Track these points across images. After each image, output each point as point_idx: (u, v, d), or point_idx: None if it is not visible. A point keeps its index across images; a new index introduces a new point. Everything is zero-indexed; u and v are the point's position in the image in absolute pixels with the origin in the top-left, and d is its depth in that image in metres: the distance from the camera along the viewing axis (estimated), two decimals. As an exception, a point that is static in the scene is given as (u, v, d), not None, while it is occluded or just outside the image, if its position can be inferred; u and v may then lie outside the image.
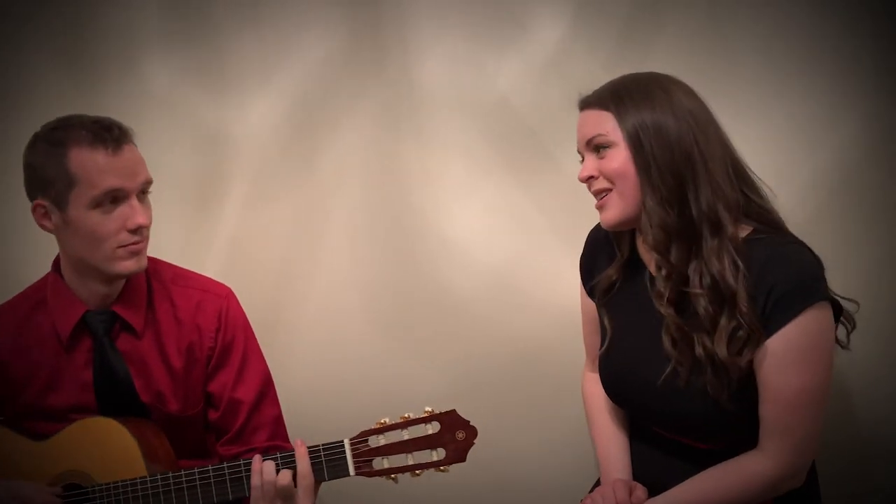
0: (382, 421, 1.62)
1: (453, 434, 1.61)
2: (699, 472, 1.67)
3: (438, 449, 1.61)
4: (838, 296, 1.65)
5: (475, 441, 1.62)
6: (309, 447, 1.62)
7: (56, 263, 1.81)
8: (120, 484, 1.67)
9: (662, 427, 1.73)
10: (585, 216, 1.81)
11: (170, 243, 2.17)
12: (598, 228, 1.86)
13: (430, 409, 1.63)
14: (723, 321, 1.60)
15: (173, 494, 1.65)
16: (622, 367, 1.75)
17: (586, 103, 1.68)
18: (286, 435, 1.89)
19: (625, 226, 1.69)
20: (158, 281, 1.85)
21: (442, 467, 1.61)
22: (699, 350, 1.61)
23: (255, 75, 2.22)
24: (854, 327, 1.70)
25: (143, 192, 1.74)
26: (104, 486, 1.68)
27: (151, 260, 1.86)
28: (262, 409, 1.85)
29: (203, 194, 2.25)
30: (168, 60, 2.23)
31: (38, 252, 1.95)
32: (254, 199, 2.24)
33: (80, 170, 1.67)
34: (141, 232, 1.72)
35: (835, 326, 1.64)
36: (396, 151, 2.23)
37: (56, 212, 1.70)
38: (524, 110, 2.19)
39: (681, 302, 1.65)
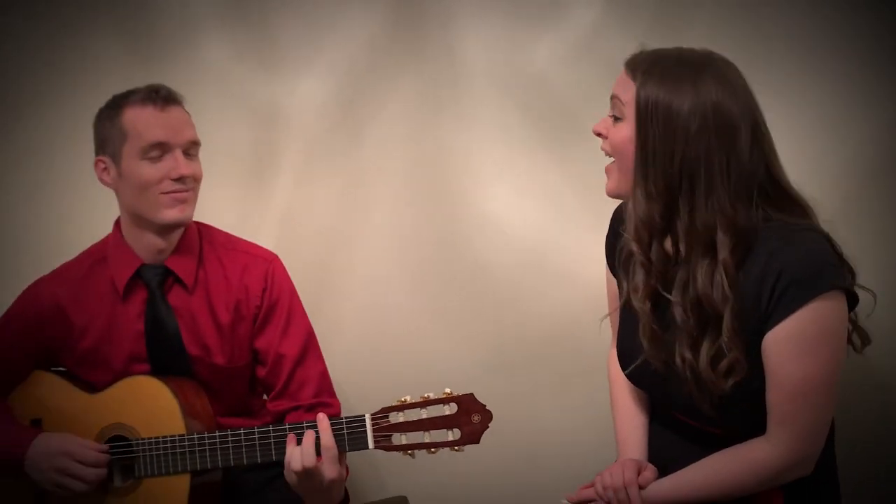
0: (403, 399, 1.70)
1: (469, 416, 1.68)
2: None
3: (454, 429, 1.68)
4: (858, 286, 1.61)
5: (489, 424, 1.68)
6: (332, 420, 1.71)
7: (117, 223, 1.95)
8: (160, 439, 1.79)
9: (674, 409, 1.74)
10: (619, 195, 1.82)
11: (226, 214, 2.27)
12: (622, 206, 1.83)
13: (448, 391, 1.70)
14: (706, 340, 1.58)
15: (207, 453, 1.76)
16: (632, 343, 1.75)
17: (627, 62, 1.61)
18: (332, 391, 1.99)
19: (622, 198, 1.67)
20: (210, 244, 1.97)
21: (456, 447, 1.68)
22: (679, 360, 1.60)
23: (303, 53, 2.29)
24: (869, 343, 1.67)
25: (188, 152, 1.88)
26: (146, 441, 1.80)
27: (204, 226, 2.00)
28: (306, 365, 1.95)
29: (257, 167, 2.33)
30: (223, 38, 2.30)
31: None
32: (303, 171, 2.32)
33: (131, 125, 1.85)
34: (184, 181, 1.85)
35: (848, 316, 1.60)
36: (437, 126, 2.29)
37: (112, 166, 1.88)
38: (560, 88, 2.23)
39: (662, 301, 1.62)
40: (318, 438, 1.70)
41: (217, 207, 2.25)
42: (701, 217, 1.54)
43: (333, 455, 1.70)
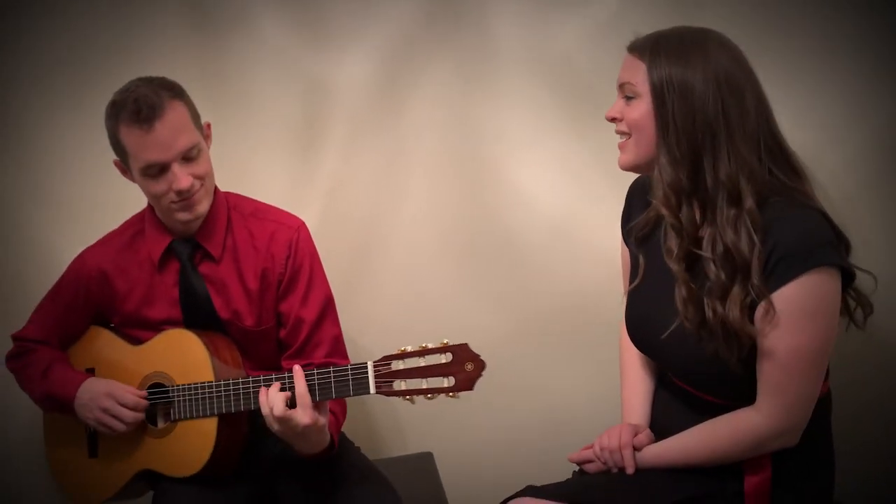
0: (403, 348, 1.80)
1: (463, 365, 1.76)
2: None
3: (449, 377, 1.77)
4: (856, 267, 1.65)
5: (482, 373, 1.77)
6: (339, 367, 1.84)
7: None
8: (191, 386, 1.97)
9: (675, 376, 1.81)
10: (638, 170, 1.88)
11: (276, 183, 2.42)
12: (637, 179, 1.93)
13: (445, 341, 1.78)
14: (735, 289, 1.62)
15: (231, 397, 1.92)
16: (641, 311, 1.83)
17: (631, 47, 1.72)
18: (344, 353, 2.12)
19: (638, 171, 1.76)
20: (239, 214, 2.09)
21: (451, 393, 1.77)
22: (709, 313, 1.65)
23: (349, 32, 2.41)
24: (871, 311, 1.71)
25: (187, 157, 1.93)
26: (180, 387, 1.98)
27: (233, 196, 2.12)
28: (322, 328, 2.07)
29: (305, 139, 2.45)
30: (278, 17, 2.42)
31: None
32: (348, 144, 2.44)
33: (127, 145, 1.93)
34: (184, 193, 1.94)
35: (841, 294, 1.64)
36: (470, 103, 2.41)
37: (127, 171, 2.00)
38: (586, 68, 2.32)
39: (694, 262, 1.69)
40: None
41: (268, 176, 2.41)
42: (725, 169, 1.61)
43: (306, 402, 1.81)
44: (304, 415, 1.81)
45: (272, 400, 1.82)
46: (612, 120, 1.75)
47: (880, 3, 2.10)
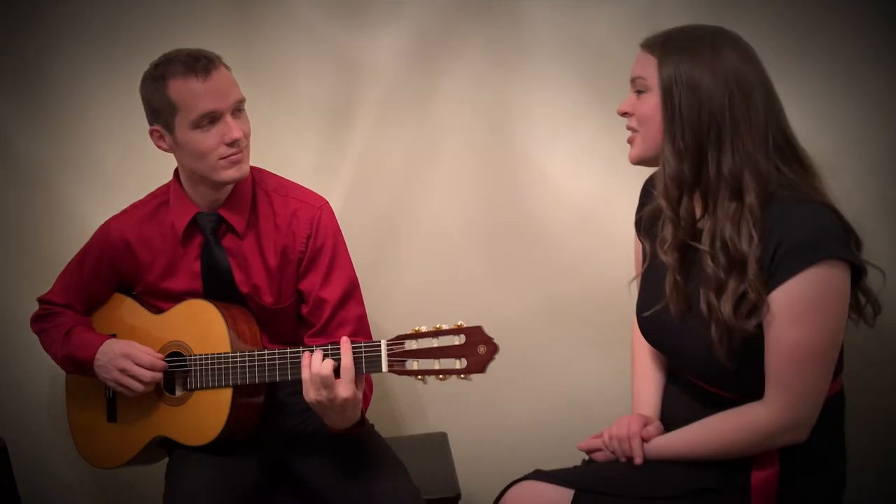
0: (417, 328, 1.80)
1: (476, 347, 1.76)
2: None
3: (462, 359, 1.77)
4: (868, 262, 1.65)
5: (495, 356, 1.76)
6: (352, 344, 1.84)
7: (176, 172, 2.10)
8: (207, 356, 1.99)
9: (679, 368, 1.82)
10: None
11: (306, 159, 2.43)
12: (650, 179, 1.93)
13: (460, 323, 1.78)
14: (731, 283, 1.63)
15: (247, 369, 1.95)
16: (646, 300, 1.83)
17: (644, 43, 1.74)
18: (369, 332, 2.12)
19: (647, 164, 1.77)
20: (263, 190, 2.09)
21: (463, 375, 1.77)
22: (703, 306, 1.66)
23: (382, 14, 2.40)
24: (879, 311, 1.70)
25: (237, 110, 1.96)
26: (197, 357, 2.01)
27: (259, 171, 2.12)
28: (346, 308, 2.06)
29: (337, 117, 2.45)
30: None
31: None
32: (378, 124, 2.45)
33: (179, 97, 1.93)
34: (238, 144, 1.95)
35: (850, 289, 1.63)
36: (502, 87, 2.40)
37: (167, 135, 1.99)
38: (618, 59, 2.27)
39: (690, 253, 1.70)
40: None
41: (297, 154, 2.42)
42: (728, 163, 1.63)
43: (350, 376, 1.82)
44: (345, 388, 1.82)
45: (316, 365, 1.82)
46: (624, 114, 1.77)
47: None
